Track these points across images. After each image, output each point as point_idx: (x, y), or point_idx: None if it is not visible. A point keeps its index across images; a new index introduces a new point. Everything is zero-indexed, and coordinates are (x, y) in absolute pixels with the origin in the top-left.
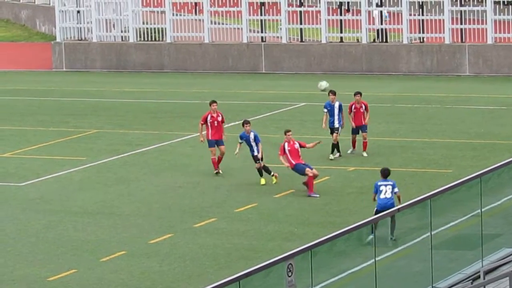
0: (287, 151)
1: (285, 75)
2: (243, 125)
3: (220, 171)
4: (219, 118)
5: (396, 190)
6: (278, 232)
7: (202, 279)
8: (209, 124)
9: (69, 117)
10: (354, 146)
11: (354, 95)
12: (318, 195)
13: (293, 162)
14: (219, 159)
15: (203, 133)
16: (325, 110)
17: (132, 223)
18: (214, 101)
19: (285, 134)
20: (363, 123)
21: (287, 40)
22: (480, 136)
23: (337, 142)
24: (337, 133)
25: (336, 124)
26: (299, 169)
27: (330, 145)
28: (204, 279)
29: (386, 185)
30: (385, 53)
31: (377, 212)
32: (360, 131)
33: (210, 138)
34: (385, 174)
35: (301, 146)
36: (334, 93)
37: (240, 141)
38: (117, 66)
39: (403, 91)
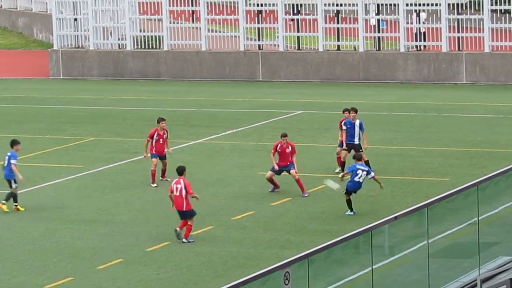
0: (277, 152)
1: (282, 83)
2: (12, 145)
3: (168, 179)
4: (165, 136)
5: (372, 174)
6: (275, 240)
7: (198, 287)
8: (154, 140)
9: (66, 125)
10: (340, 163)
11: (349, 111)
12: (307, 194)
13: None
14: (163, 171)
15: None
16: (345, 128)
17: (129, 231)
18: (162, 119)
19: (281, 137)
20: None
21: (284, 48)
22: (477, 145)
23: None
24: (361, 151)
25: (357, 141)
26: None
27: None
28: (201, 287)
29: (363, 170)
30: (382, 61)
31: (347, 191)
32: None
33: (153, 152)
34: (357, 157)
35: (292, 153)
36: (355, 111)
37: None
38: (114, 74)
39: (400, 99)
